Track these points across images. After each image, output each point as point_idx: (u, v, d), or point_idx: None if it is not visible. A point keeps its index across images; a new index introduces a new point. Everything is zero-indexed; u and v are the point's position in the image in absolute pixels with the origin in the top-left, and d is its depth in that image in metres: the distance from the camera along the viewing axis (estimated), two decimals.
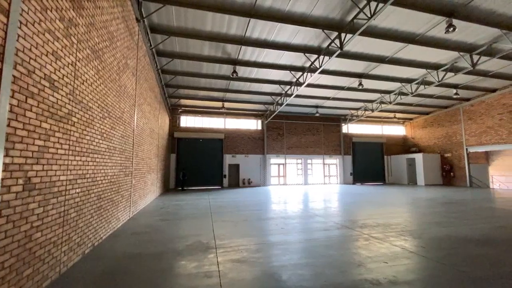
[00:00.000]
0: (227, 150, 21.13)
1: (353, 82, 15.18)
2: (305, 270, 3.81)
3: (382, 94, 17.72)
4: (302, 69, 13.32)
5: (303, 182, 23.11)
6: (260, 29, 9.90)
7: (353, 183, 24.02)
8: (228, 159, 21.00)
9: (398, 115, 24.18)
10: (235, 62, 12.46)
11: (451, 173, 21.04)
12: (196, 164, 20.12)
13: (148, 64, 10.25)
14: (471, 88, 17.00)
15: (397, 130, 26.54)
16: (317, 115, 22.24)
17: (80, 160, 4.30)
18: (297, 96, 17.42)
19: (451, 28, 9.00)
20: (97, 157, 5.06)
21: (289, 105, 19.71)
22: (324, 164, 24.01)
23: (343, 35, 9.87)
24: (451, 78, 14.17)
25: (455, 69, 13.31)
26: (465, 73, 14.12)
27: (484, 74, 14.64)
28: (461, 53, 11.74)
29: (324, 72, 13.72)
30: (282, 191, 17.27)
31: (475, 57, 11.95)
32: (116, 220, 6.42)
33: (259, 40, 10.71)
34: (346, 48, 11.30)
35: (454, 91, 16.86)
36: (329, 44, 10.52)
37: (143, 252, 4.70)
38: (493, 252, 4.63)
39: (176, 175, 19.46)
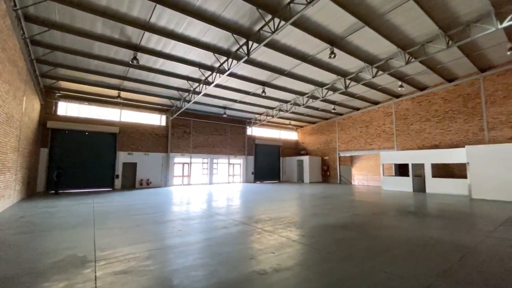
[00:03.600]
0: (122, 146, 18.55)
1: (258, 88, 16.37)
2: (199, 271, 3.76)
3: (281, 103, 19.94)
4: (211, 68, 13.29)
5: (208, 182, 23.07)
6: (167, 18, 9.23)
7: (254, 182, 25.86)
8: (123, 157, 18.45)
9: (292, 122, 27.80)
10: (137, 48, 11.13)
11: (328, 173, 25.92)
12: (78, 162, 16.65)
13: (9, 29, 7.76)
14: (344, 106, 21.49)
15: (291, 135, 30.43)
16: (225, 116, 22.73)
17: None
18: (206, 95, 17.27)
19: (333, 55, 11.08)
20: None
21: (198, 103, 19.28)
22: (229, 163, 24.76)
23: (250, 43, 10.46)
24: (331, 95, 17.44)
25: (334, 89, 16.48)
26: (340, 93, 17.70)
27: (353, 95, 18.82)
28: (339, 77, 14.66)
29: (233, 75, 14.18)
30: (186, 191, 16.67)
31: (348, 81, 15.17)
32: None
33: (166, 30, 9.97)
34: (253, 56, 12.04)
35: (333, 106, 20.86)
36: (238, 49, 10.94)
37: None
38: (351, 234, 5.94)
39: (47, 175, 15.52)
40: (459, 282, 3.44)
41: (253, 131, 26.78)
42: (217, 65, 12.84)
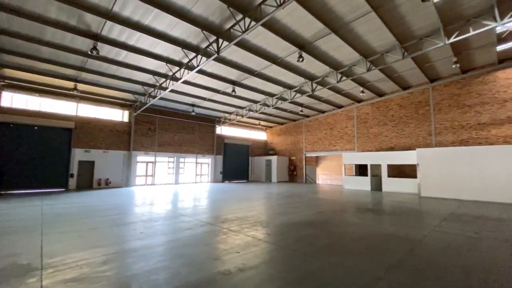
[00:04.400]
0: (78, 143, 17.05)
1: (228, 87, 16.23)
2: (160, 275, 3.61)
3: (251, 103, 20.03)
4: (179, 64, 12.85)
5: (174, 182, 22.28)
6: (132, 7, 8.70)
7: (222, 181, 25.62)
8: (79, 155, 16.98)
9: (262, 122, 28.10)
10: (97, 38, 10.32)
11: (294, 172, 26.71)
12: (25, 160, 14.93)
13: None
14: (311, 108, 22.31)
15: (260, 136, 30.75)
16: (193, 114, 22.15)
17: None
18: (173, 91, 16.65)
19: (301, 59, 11.42)
20: None
21: (164, 99, 18.50)
22: (197, 163, 24.19)
23: (220, 40, 10.33)
24: (299, 98, 17.98)
25: (301, 91, 17.01)
26: (308, 96, 18.31)
27: (319, 99, 19.61)
28: (306, 80, 15.17)
29: (202, 72, 13.87)
30: (149, 191, 15.91)
31: (314, 85, 15.76)
32: None
33: (130, 20, 9.40)
34: (223, 54, 11.92)
35: (300, 108, 21.52)
36: (207, 46, 10.73)
37: None
38: (314, 231, 6.17)
39: None
40: (408, 272, 3.78)
41: (223, 130, 26.52)
42: (185, 61, 12.45)
